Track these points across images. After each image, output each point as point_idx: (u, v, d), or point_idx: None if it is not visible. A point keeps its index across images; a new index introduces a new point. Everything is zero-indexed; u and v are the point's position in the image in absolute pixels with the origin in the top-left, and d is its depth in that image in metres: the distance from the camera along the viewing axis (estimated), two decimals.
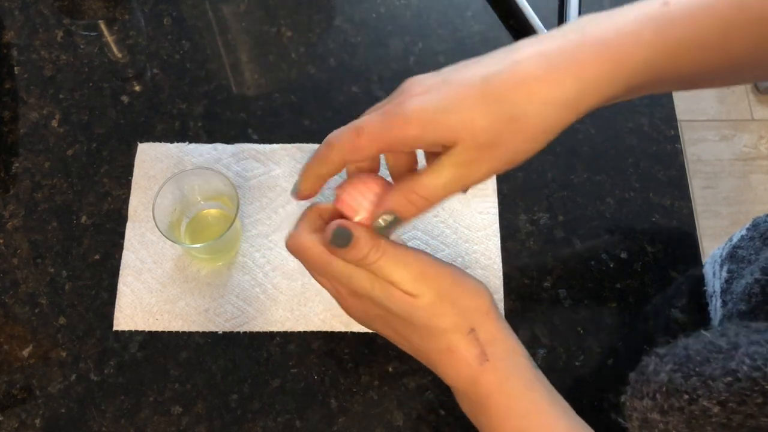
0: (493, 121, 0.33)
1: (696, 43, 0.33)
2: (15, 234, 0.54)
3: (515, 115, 0.32)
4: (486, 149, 0.33)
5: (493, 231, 0.53)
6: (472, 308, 0.38)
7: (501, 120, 0.33)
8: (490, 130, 0.33)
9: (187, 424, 0.48)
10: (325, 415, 0.48)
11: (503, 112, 0.33)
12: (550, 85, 0.32)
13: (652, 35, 0.32)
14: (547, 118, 0.33)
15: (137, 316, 0.51)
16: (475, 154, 0.33)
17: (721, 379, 0.33)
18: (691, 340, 0.36)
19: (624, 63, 0.32)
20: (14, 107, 0.58)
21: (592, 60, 0.32)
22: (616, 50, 0.32)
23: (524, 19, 0.61)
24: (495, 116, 0.33)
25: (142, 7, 0.63)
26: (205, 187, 0.51)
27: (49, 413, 0.48)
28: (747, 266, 0.45)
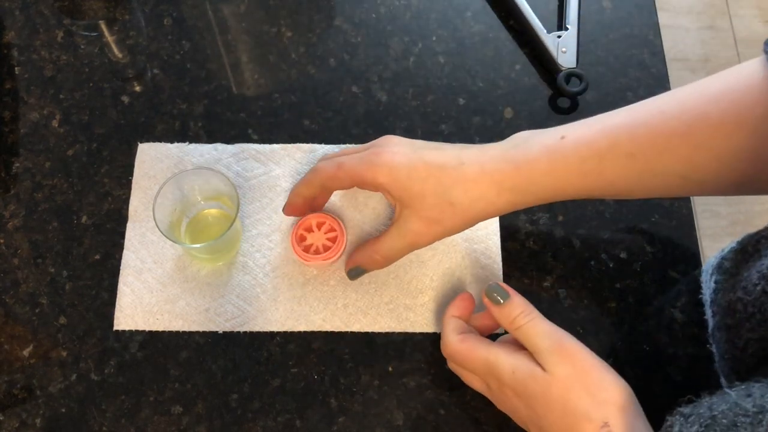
0: (439, 202, 0.44)
1: (577, 171, 0.43)
2: (15, 234, 0.54)
3: (454, 202, 0.44)
4: (431, 224, 0.45)
5: (493, 230, 0.53)
6: (608, 401, 0.39)
7: (444, 203, 0.44)
8: (435, 209, 0.44)
9: (188, 424, 0.48)
10: (325, 415, 0.48)
11: (447, 198, 0.44)
12: (479, 187, 0.44)
13: (546, 164, 0.43)
14: (474, 209, 0.44)
15: (137, 316, 0.51)
16: (423, 227, 0.45)
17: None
18: (716, 399, 0.35)
19: (528, 183, 0.43)
20: (14, 107, 0.59)
21: (509, 176, 0.43)
22: (522, 173, 0.43)
23: (524, 19, 0.61)
24: (441, 199, 0.44)
25: (142, 8, 0.63)
26: (206, 187, 0.51)
27: (49, 413, 0.48)
28: (729, 279, 0.45)
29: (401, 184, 0.44)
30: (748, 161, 0.40)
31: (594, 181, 0.43)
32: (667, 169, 0.42)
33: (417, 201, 0.44)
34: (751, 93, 0.40)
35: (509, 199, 0.44)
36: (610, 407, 0.38)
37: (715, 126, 0.40)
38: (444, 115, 0.58)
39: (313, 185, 0.48)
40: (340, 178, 0.46)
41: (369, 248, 0.48)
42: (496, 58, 0.61)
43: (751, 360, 0.42)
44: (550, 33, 0.60)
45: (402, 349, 0.50)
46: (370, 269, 0.49)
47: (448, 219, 0.44)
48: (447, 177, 0.44)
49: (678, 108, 0.42)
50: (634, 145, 0.42)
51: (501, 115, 0.58)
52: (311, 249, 0.52)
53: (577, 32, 0.60)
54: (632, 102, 0.56)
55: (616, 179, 0.43)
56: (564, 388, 0.39)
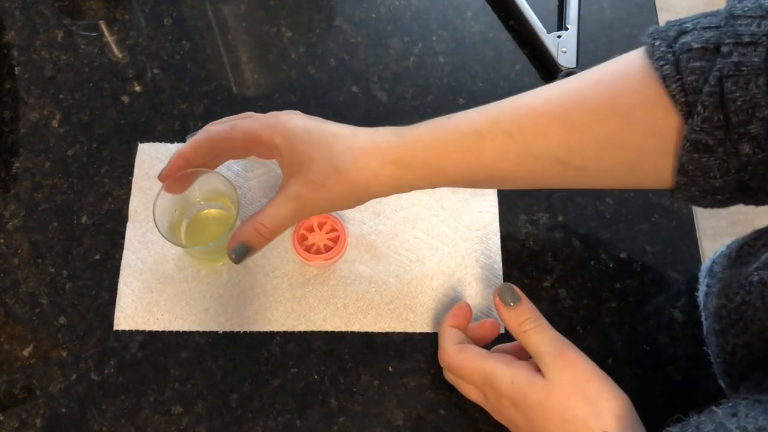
0: (325, 167, 0.43)
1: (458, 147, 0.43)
2: (15, 234, 0.54)
3: (340, 168, 0.43)
4: (316, 188, 0.43)
5: (493, 230, 0.53)
6: (607, 410, 0.39)
7: (330, 168, 0.43)
8: (321, 174, 0.43)
9: (188, 424, 0.48)
10: (325, 415, 0.48)
11: (333, 164, 0.43)
12: (366, 156, 0.43)
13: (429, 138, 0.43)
14: (359, 178, 0.43)
15: (138, 316, 0.51)
16: (307, 192, 0.43)
17: None
18: (703, 417, 0.36)
19: (411, 156, 0.43)
20: (15, 107, 0.59)
21: (394, 147, 0.43)
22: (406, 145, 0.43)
23: (524, 19, 0.61)
24: (328, 164, 0.43)
25: (142, 8, 0.63)
26: (206, 188, 0.51)
27: (49, 413, 0.48)
28: (716, 284, 0.46)
29: (293, 147, 0.44)
30: (624, 149, 0.41)
31: (475, 161, 0.43)
32: (546, 152, 0.42)
33: (305, 165, 0.43)
34: (627, 80, 0.40)
35: (392, 173, 0.43)
36: (609, 416, 0.39)
37: (591, 110, 0.40)
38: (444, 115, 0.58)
39: (202, 147, 0.46)
40: (234, 139, 0.45)
41: (251, 221, 0.45)
42: (496, 58, 0.61)
43: (741, 365, 0.42)
44: (550, 33, 0.60)
45: (402, 349, 0.50)
46: (255, 245, 0.45)
47: (332, 185, 0.43)
48: (338, 144, 0.43)
49: (559, 92, 0.42)
50: (513, 125, 0.42)
51: None
52: (312, 249, 0.52)
53: (577, 32, 0.60)
54: None
55: (495, 160, 0.43)
56: (563, 395, 0.40)
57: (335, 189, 0.43)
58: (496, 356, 0.43)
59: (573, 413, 0.39)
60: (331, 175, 0.43)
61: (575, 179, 0.44)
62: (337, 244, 0.51)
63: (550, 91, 0.43)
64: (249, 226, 0.44)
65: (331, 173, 0.43)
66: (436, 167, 0.43)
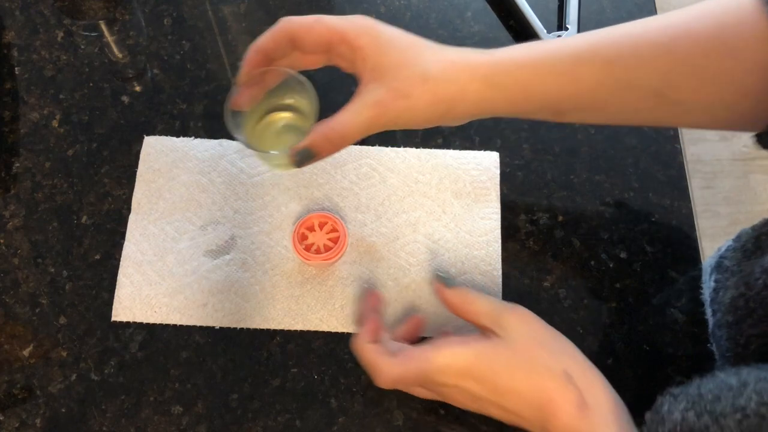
0: (412, 74, 0.41)
1: (553, 70, 0.41)
2: (15, 234, 0.54)
3: (428, 78, 0.41)
4: (398, 97, 0.41)
5: (494, 237, 0.53)
6: (562, 350, 0.41)
7: (417, 77, 0.41)
8: (407, 81, 0.41)
9: (188, 424, 0.48)
10: (325, 415, 0.48)
11: (422, 72, 0.41)
12: (455, 69, 0.41)
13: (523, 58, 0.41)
14: (445, 91, 0.41)
15: (136, 308, 0.51)
16: (389, 99, 0.41)
17: (732, 416, 0.34)
18: (705, 379, 0.36)
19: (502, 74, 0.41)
20: (15, 107, 0.59)
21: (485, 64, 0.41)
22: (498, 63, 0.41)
23: (524, 19, 0.61)
24: (416, 72, 0.41)
25: (142, 8, 0.63)
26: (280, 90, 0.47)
27: (49, 413, 0.48)
28: (731, 277, 0.45)
29: (381, 50, 0.41)
30: (725, 85, 0.39)
31: (568, 86, 0.41)
32: (644, 82, 0.41)
33: (391, 71, 0.41)
34: (737, 14, 0.38)
35: (480, 91, 0.41)
36: (566, 355, 0.41)
37: (697, 42, 0.39)
38: None
39: (282, 34, 0.43)
40: (317, 31, 0.42)
41: (322, 127, 0.42)
42: None
43: (753, 357, 0.42)
44: (550, 33, 0.60)
45: None
46: (321, 152, 0.42)
47: (417, 95, 0.41)
48: (428, 53, 0.42)
49: (662, 23, 0.41)
50: (614, 53, 0.40)
51: None
52: (312, 248, 0.52)
53: (577, 32, 0.60)
54: None
55: (590, 88, 0.41)
56: (526, 348, 0.41)
57: (419, 99, 0.41)
58: (440, 342, 0.42)
59: (537, 362, 0.40)
60: (417, 84, 0.41)
61: (666, 114, 0.43)
62: (337, 245, 0.51)
63: (654, 21, 0.41)
64: (319, 132, 0.42)
65: (418, 82, 0.41)
66: (526, 89, 0.42)
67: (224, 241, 0.53)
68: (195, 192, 0.55)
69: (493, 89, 0.41)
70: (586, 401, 0.38)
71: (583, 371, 0.40)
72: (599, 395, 0.39)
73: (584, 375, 0.40)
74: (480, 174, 0.55)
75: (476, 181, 0.55)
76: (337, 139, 0.42)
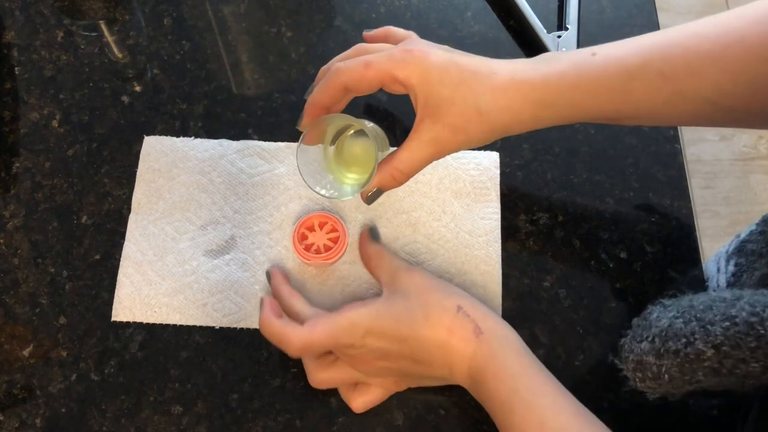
0: (467, 110, 0.42)
1: (605, 87, 0.42)
2: (15, 234, 0.54)
3: (482, 111, 0.42)
4: (456, 132, 0.43)
5: (494, 237, 0.53)
6: (454, 292, 0.45)
7: (472, 111, 0.42)
8: (462, 117, 0.42)
9: (188, 424, 0.48)
10: (325, 415, 0.48)
11: (475, 106, 0.42)
12: (507, 97, 0.42)
13: (574, 77, 0.42)
14: (501, 120, 0.43)
15: (136, 308, 0.51)
16: (446, 135, 0.43)
17: (720, 323, 0.35)
18: (699, 294, 0.38)
19: (554, 96, 0.42)
20: (14, 107, 0.59)
21: (537, 87, 0.42)
22: (550, 85, 0.42)
23: (524, 19, 0.61)
24: (469, 107, 0.42)
25: (142, 8, 0.63)
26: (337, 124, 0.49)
27: (49, 413, 0.48)
28: (758, 259, 0.45)
29: (432, 88, 0.42)
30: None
31: (621, 101, 0.42)
32: (698, 93, 0.41)
33: (444, 107, 0.42)
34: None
35: (534, 113, 0.43)
36: (457, 295, 0.44)
37: (750, 50, 0.39)
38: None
39: (335, 89, 0.44)
40: (368, 79, 0.43)
41: (387, 165, 0.44)
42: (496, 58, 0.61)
43: None
44: (550, 33, 0.60)
45: None
46: (388, 187, 0.46)
47: (473, 128, 0.43)
48: (478, 84, 0.42)
49: (715, 30, 0.40)
50: (666, 65, 0.41)
51: None
52: (312, 248, 0.52)
53: (577, 32, 0.60)
54: None
55: (644, 100, 0.42)
56: (419, 293, 0.44)
57: (476, 132, 0.43)
58: (345, 307, 0.44)
59: (431, 303, 0.43)
60: (473, 119, 0.42)
61: (721, 119, 0.43)
62: (337, 245, 0.51)
63: (705, 29, 0.41)
64: (386, 171, 0.44)
65: (473, 116, 0.42)
66: (580, 107, 0.43)
67: (224, 241, 0.53)
68: (195, 192, 0.55)
69: (547, 110, 0.43)
70: (480, 327, 0.42)
71: (474, 305, 0.44)
72: (492, 323, 0.43)
73: (476, 307, 0.44)
74: (480, 174, 0.55)
75: (476, 181, 0.55)
76: (400, 177, 0.45)
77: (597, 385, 0.49)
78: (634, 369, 0.39)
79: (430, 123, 0.43)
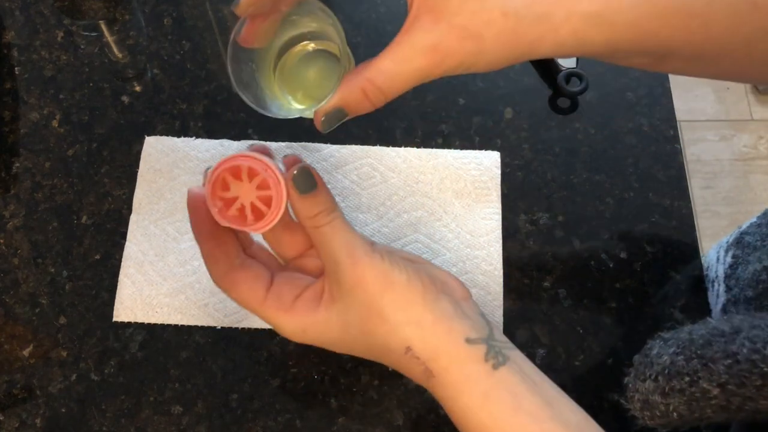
0: (486, 7, 0.30)
1: (681, 9, 0.31)
2: (15, 234, 0.54)
3: (508, 12, 0.30)
4: (466, 38, 0.30)
5: (495, 237, 0.53)
6: (403, 321, 0.34)
7: (495, 10, 0.30)
8: (477, 16, 0.30)
9: (188, 424, 0.48)
10: (325, 415, 0.48)
11: (500, 4, 0.30)
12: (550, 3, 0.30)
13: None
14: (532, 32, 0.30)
15: (137, 308, 0.51)
16: (453, 41, 0.30)
17: (722, 361, 0.34)
18: (697, 325, 0.37)
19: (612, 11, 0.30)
20: (14, 107, 0.59)
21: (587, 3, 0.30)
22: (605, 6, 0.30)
23: None
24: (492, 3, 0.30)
25: (142, 8, 0.63)
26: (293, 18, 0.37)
27: (49, 413, 0.48)
28: (753, 252, 0.45)
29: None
30: None
31: (693, 30, 0.31)
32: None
33: (453, 1, 0.30)
34: None
35: (579, 30, 0.30)
36: (407, 328, 0.34)
37: None
38: (444, 115, 0.58)
39: None
40: None
41: (357, 77, 0.32)
42: None
43: None
44: None
45: None
46: (356, 109, 0.33)
47: (491, 37, 0.30)
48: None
49: None
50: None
51: (501, 115, 0.58)
52: (233, 206, 0.36)
53: None
54: (633, 103, 0.57)
55: (721, 33, 0.31)
56: (361, 321, 0.34)
57: (493, 44, 0.30)
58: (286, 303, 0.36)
59: (374, 340, 0.34)
60: (494, 22, 0.30)
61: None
62: (271, 210, 0.35)
63: None
64: (354, 84, 0.32)
65: (495, 19, 0.30)
66: (642, 32, 0.31)
67: None
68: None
69: (596, 29, 0.30)
70: (432, 370, 0.34)
71: (430, 333, 0.34)
72: (446, 361, 0.34)
73: (429, 340, 0.34)
74: (481, 174, 0.55)
75: (477, 181, 0.55)
76: (376, 96, 0.32)
77: (597, 385, 0.49)
78: (642, 408, 0.38)
79: (429, 22, 0.30)
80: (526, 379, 0.34)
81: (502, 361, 0.34)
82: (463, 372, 0.33)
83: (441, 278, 0.37)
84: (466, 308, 0.36)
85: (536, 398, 0.33)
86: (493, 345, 0.34)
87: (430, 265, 0.38)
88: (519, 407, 0.33)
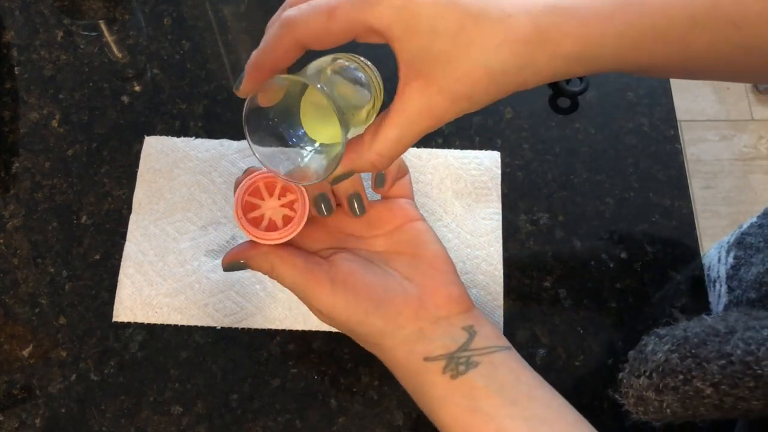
0: (472, 70, 0.30)
1: (661, 37, 0.31)
2: (15, 234, 0.54)
3: (494, 70, 0.31)
4: (457, 100, 0.31)
5: (495, 237, 0.53)
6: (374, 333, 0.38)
7: (479, 71, 0.31)
8: (464, 80, 0.30)
9: (188, 424, 0.48)
10: (325, 415, 0.48)
11: (485, 64, 0.30)
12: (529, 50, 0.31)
13: (622, 24, 0.31)
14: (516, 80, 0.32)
15: (137, 308, 0.51)
16: (445, 103, 0.31)
17: (716, 361, 0.34)
18: (692, 323, 0.37)
19: (593, 48, 0.31)
20: (14, 107, 0.59)
21: (570, 37, 0.31)
22: (590, 33, 0.31)
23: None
24: (476, 66, 0.30)
25: (142, 7, 0.63)
26: None
27: (49, 413, 0.48)
28: (756, 254, 0.45)
29: (421, 41, 0.30)
30: None
31: (678, 52, 0.32)
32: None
33: (439, 66, 0.31)
34: None
35: (558, 69, 0.32)
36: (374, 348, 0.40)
37: None
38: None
39: (287, 46, 0.34)
40: (333, 33, 0.31)
41: (362, 148, 0.33)
42: None
43: None
44: None
45: None
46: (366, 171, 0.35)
47: (481, 93, 0.31)
48: (487, 33, 0.30)
49: None
50: (738, 12, 0.31)
51: (501, 115, 0.58)
52: (262, 223, 0.38)
53: None
54: (634, 102, 0.57)
55: (706, 52, 0.32)
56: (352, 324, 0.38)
57: (482, 96, 0.32)
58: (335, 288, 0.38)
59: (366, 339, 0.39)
60: (479, 81, 0.31)
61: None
62: (298, 212, 0.38)
63: None
64: (362, 159, 0.33)
65: (479, 78, 0.31)
66: (625, 59, 0.32)
67: (225, 241, 0.53)
68: (196, 192, 0.55)
69: (580, 64, 0.32)
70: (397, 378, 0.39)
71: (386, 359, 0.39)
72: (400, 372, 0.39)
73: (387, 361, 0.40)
74: (481, 174, 0.55)
75: (477, 181, 0.55)
76: (381, 163, 0.34)
77: (597, 385, 0.49)
78: (636, 404, 0.39)
79: (420, 88, 0.31)
80: (491, 382, 0.36)
81: (464, 370, 0.36)
82: (419, 381, 0.37)
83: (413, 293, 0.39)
84: (429, 333, 0.37)
85: (497, 399, 0.35)
86: (457, 357, 0.36)
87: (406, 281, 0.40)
88: (476, 408, 0.35)
